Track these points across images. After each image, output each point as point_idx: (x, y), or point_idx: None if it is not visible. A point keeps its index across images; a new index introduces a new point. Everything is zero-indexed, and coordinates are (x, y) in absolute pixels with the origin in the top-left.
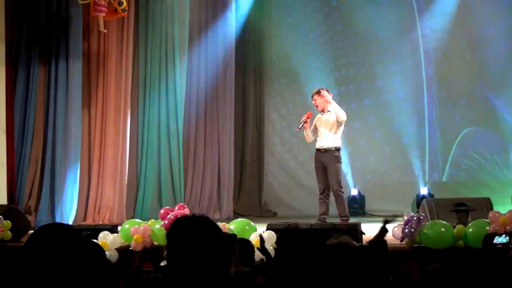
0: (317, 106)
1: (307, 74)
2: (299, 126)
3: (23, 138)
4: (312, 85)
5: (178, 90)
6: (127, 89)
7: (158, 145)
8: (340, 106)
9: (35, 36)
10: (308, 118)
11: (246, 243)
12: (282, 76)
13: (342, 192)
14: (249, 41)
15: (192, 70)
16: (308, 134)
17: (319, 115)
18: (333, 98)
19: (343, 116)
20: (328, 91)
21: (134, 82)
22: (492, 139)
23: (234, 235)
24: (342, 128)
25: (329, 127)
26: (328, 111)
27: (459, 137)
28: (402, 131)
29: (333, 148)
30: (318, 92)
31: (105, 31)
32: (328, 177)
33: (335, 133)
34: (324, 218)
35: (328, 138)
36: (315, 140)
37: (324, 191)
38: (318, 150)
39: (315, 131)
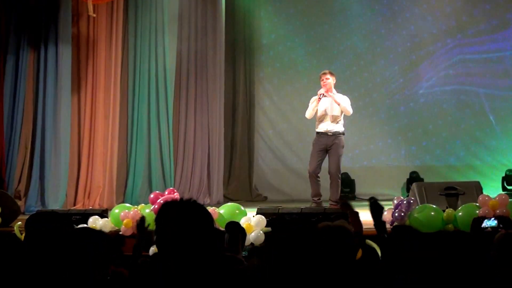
0: (325, 85)
1: (297, 59)
2: (319, 97)
3: (13, 122)
4: (302, 70)
5: (167, 74)
6: (116, 73)
7: (148, 130)
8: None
9: (24, 21)
10: (325, 92)
11: (237, 226)
12: (272, 60)
13: (340, 178)
14: (239, 25)
15: (181, 54)
16: (314, 110)
17: (324, 98)
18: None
19: (350, 110)
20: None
21: (123, 66)
22: (482, 123)
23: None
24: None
25: (336, 111)
26: (333, 94)
27: (449, 121)
28: (393, 115)
29: (340, 132)
30: (332, 73)
31: (94, 15)
32: (329, 161)
33: (341, 118)
34: (319, 200)
35: (335, 123)
36: (313, 123)
37: (315, 172)
38: (323, 133)
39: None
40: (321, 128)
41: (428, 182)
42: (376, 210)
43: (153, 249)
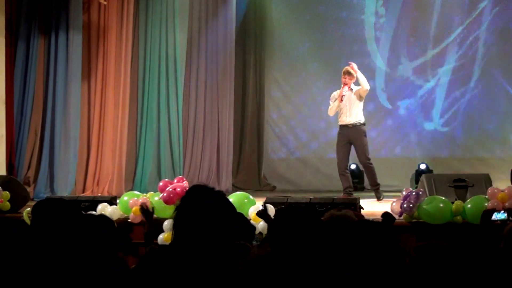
0: (346, 84)
1: (308, 48)
2: (342, 99)
3: (23, 109)
4: (312, 59)
5: (178, 63)
6: (127, 60)
7: (157, 118)
8: (340, 79)
9: (35, 7)
10: (348, 91)
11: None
12: (282, 50)
13: (371, 163)
14: (249, 14)
15: (192, 42)
16: (336, 108)
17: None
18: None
19: (367, 85)
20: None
21: (134, 53)
22: (492, 116)
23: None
24: (362, 102)
25: (352, 102)
26: (351, 89)
27: (459, 113)
28: (401, 106)
29: (360, 123)
30: (350, 73)
31: (105, 3)
32: (356, 152)
33: (358, 108)
34: (350, 191)
35: (353, 114)
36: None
37: (345, 167)
38: (344, 126)
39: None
40: (341, 121)
41: (437, 173)
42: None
43: (162, 237)
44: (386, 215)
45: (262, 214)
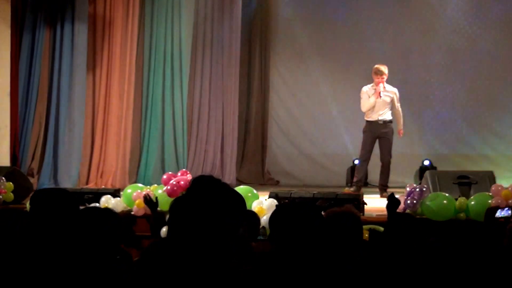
0: (383, 83)
1: (313, 43)
2: (379, 96)
3: (27, 100)
4: (318, 55)
5: (183, 55)
6: (132, 53)
7: (162, 111)
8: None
9: None
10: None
11: (252, 215)
12: (288, 44)
13: (390, 163)
14: (255, 8)
15: (198, 35)
16: (372, 105)
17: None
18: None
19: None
20: None
21: (139, 46)
22: (496, 112)
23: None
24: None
25: (386, 102)
26: (384, 87)
27: (464, 110)
28: (406, 103)
29: (390, 121)
30: (381, 71)
31: None
32: (382, 148)
33: (389, 107)
34: (360, 185)
35: (387, 112)
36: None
37: (366, 160)
38: (375, 122)
39: None
40: (371, 118)
41: (441, 170)
42: (393, 203)
43: (164, 230)
44: (391, 197)
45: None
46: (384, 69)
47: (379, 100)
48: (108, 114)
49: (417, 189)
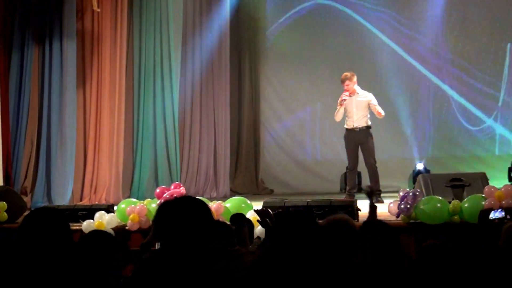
0: (348, 90)
1: (303, 51)
2: (340, 103)
3: (18, 118)
4: (308, 63)
5: (173, 68)
6: (121, 68)
7: (153, 124)
8: (338, 83)
9: (28, 16)
10: (348, 96)
11: (242, 217)
12: (278, 53)
13: (376, 168)
14: (244, 16)
15: (187, 47)
16: (341, 112)
17: (346, 97)
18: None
19: (382, 112)
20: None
21: (128, 61)
22: (488, 114)
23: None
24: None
25: (361, 108)
26: (358, 93)
27: (456, 112)
28: (398, 106)
29: (366, 127)
30: (350, 78)
31: (99, 10)
32: (363, 154)
33: (366, 113)
34: (353, 192)
35: (361, 119)
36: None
37: (354, 168)
38: (351, 130)
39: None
40: (349, 124)
41: (434, 173)
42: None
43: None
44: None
45: (261, 219)
46: (347, 76)
47: (354, 108)
48: (99, 130)
49: (411, 194)
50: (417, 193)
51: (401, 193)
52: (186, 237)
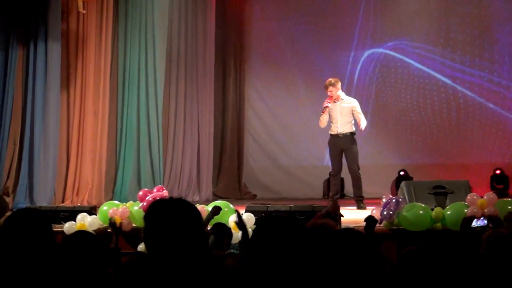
0: (331, 97)
1: (288, 57)
2: (323, 110)
3: (1, 119)
4: (293, 68)
5: (158, 71)
6: (106, 70)
7: (137, 127)
8: (322, 89)
9: (13, 17)
10: (331, 102)
11: (223, 227)
12: (262, 58)
13: (360, 174)
14: (229, 21)
15: (171, 51)
16: (325, 119)
17: (329, 104)
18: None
19: (365, 123)
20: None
21: (113, 63)
22: (471, 122)
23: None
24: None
25: (345, 114)
26: (342, 99)
27: (439, 119)
28: (382, 113)
29: (350, 133)
30: (334, 84)
31: (84, 12)
32: (347, 160)
33: (350, 119)
34: (337, 198)
35: (345, 125)
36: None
37: (338, 174)
38: (335, 135)
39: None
40: (333, 130)
41: (417, 180)
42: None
43: (141, 247)
44: (369, 218)
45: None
46: (331, 82)
47: (338, 114)
48: (83, 132)
49: (393, 200)
50: (400, 200)
51: (384, 200)
52: (177, 238)
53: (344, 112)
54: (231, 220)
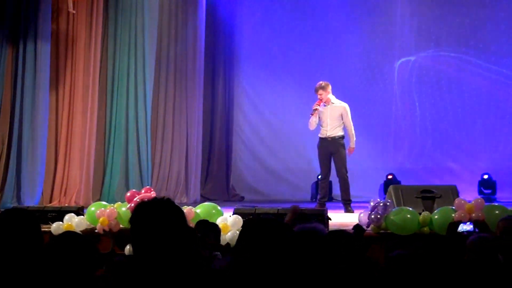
0: (321, 100)
1: (277, 60)
2: (312, 113)
3: None
4: (282, 71)
5: (147, 73)
6: (95, 70)
7: (126, 128)
8: (312, 91)
9: (3, 16)
10: (319, 105)
11: (213, 226)
12: (252, 61)
13: (347, 177)
14: (219, 26)
15: (161, 52)
16: (315, 121)
17: (321, 106)
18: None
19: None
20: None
21: (102, 63)
22: (460, 127)
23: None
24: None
25: (334, 118)
26: (332, 103)
27: (427, 124)
28: (370, 117)
29: (339, 137)
30: (324, 87)
31: (74, 11)
32: (335, 163)
33: (340, 123)
34: (325, 202)
35: (334, 128)
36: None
37: (326, 177)
38: (324, 139)
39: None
40: (322, 133)
41: (405, 185)
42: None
43: (128, 248)
44: (357, 226)
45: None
46: (321, 85)
47: (328, 118)
48: (71, 132)
49: (381, 204)
50: (388, 203)
51: (372, 203)
52: (163, 239)
53: (334, 116)
54: (219, 222)
